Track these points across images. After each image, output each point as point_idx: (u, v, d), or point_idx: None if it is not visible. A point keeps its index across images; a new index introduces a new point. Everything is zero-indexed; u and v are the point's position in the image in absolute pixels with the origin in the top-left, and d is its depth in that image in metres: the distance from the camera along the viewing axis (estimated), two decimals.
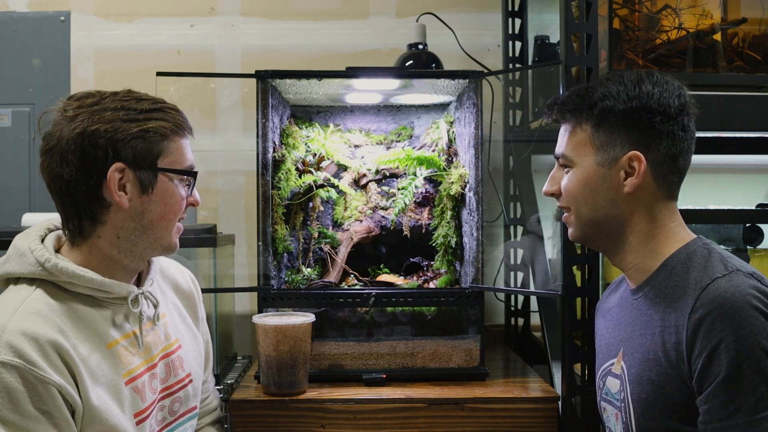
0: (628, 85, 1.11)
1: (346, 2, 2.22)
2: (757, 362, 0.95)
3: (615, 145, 1.11)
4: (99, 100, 1.09)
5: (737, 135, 1.62)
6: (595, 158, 1.13)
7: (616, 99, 1.11)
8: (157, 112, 1.11)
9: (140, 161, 1.08)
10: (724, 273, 1.02)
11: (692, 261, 1.07)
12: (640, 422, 1.08)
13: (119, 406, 1.06)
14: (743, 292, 0.99)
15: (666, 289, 1.08)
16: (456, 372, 1.63)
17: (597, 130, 1.12)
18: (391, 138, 1.92)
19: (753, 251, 1.67)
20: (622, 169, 1.11)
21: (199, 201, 1.21)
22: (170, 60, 2.18)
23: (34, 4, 2.20)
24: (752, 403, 0.95)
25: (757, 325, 0.96)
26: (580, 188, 1.14)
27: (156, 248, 1.15)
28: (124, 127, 1.07)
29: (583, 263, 1.46)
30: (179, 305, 1.31)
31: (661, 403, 1.05)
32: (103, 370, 1.06)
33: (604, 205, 1.13)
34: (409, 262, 1.84)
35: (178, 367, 1.22)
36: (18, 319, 1.00)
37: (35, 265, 1.06)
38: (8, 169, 2.13)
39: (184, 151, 1.15)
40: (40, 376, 0.97)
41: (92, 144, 1.05)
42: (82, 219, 1.09)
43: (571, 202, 1.17)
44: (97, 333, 1.08)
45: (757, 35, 1.59)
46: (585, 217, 1.15)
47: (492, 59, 2.19)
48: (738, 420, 0.96)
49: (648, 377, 1.07)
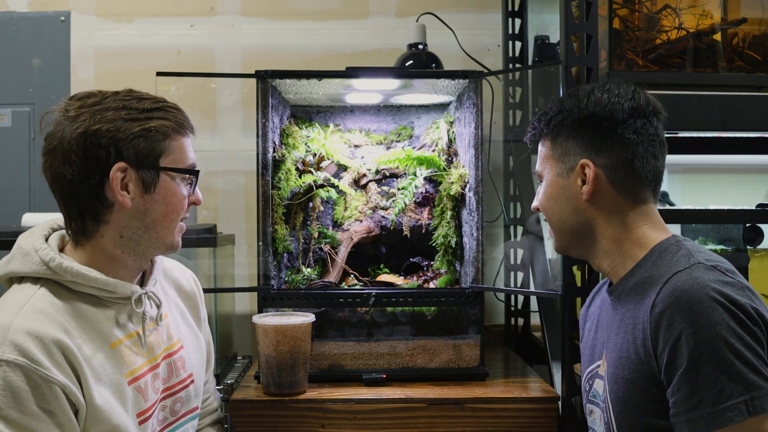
0: (581, 96, 1.16)
1: (346, 2, 2.22)
2: (716, 353, 0.96)
3: (569, 155, 1.16)
4: (101, 100, 1.09)
5: (737, 135, 1.62)
6: (555, 170, 1.18)
7: (569, 111, 1.16)
8: (159, 111, 1.11)
9: (142, 160, 1.08)
10: (685, 266, 1.04)
11: (662, 258, 1.09)
12: (619, 420, 1.09)
13: (122, 405, 1.07)
14: (701, 284, 1.00)
15: (636, 286, 1.10)
16: (456, 372, 1.63)
17: (554, 143, 1.18)
18: (391, 138, 1.92)
19: (753, 251, 1.67)
20: (579, 177, 1.15)
21: (201, 200, 1.21)
22: (170, 60, 2.19)
23: (34, 4, 2.20)
24: (714, 395, 0.96)
25: (715, 316, 0.97)
26: (547, 200, 1.20)
27: (159, 247, 1.15)
28: (126, 126, 1.07)
29: (583, 263, 1.46)
30: (181, 306, 1.31)
31: (636, 400, 1.06)
32: (106, 370, 1.06)
33: (570, 214, 1.17)
34: (409, 262, 1.84)
35: (180, 367, 1.23)
36: (22, 318, 1.00)
37: (39, 264, 1.06)
38: (8, 169, 2.13)
39: (185, 149, 1.15)
40: (44, 375, 0.97)
41: (94, 144, 1.05)
42: (85, 219, 1.09)
43: (546, 215, 1.22)
44: (101, 332, 1.08)
45: (757, 35, 1.59)
46: (557, 227, 1.21)
47: (492, 59, 2.19)
48: (701, 411, 0.97)
49: (622, 375, 1.08)
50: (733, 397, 0.95)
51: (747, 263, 1.66)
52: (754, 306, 0.99)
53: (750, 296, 1.01)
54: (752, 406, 0.95)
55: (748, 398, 0.95)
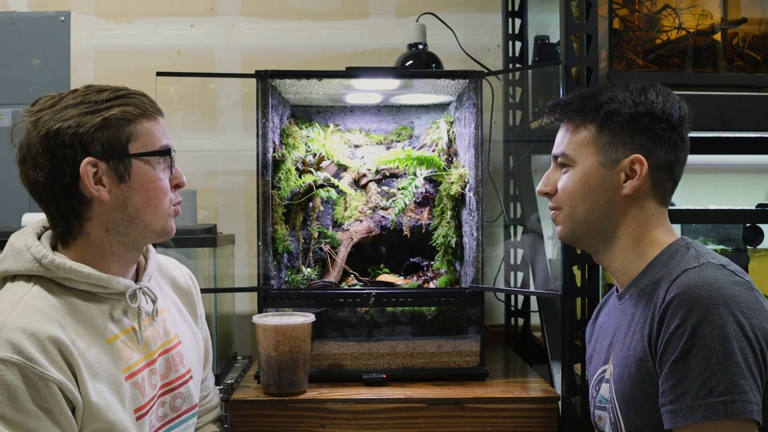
0: (633, 91, 1.14)
1: (346, 2, 2.22)
2: (707, 348, 0.96)
3: (618, 147, 1.13)
4: (58, 100, 1.09)
5: (737, 135, 1.62)
6: (597, 158, 1.14)
7: (622, 103, 1.13)
8: (119, 99, 1.09)
9: (109, 151, 1.07)
10: (695, 265, 1.05)
11: (672, 260, 1.10)
12: (626, 419, 1.09)
13: (120, 401, 1.06)
14: (710, 281, 1.01)
15: (647, 287, 1.10)
16: (456, 372, 1.63)
17: (601, 131, 1.14)
18: (391, 138, 1.92)
19: (753, 251, 1.67)
20: (623, 171, 1.13)
21: (184, 180, 1.18)
22: (170, 60, 2.18)
23: (34, 4, 2.20)
24: (696, 389, 0.96)
25: (714, 313, 0.97)
26: (579, 187, 1.16)
27: (149, 235, 1.14)
28: (85, 120, 1.06)
29: (583, 263, 1.46)
30: (178, 302, 1.31)
31: (642, 397, 1.06)
32: (102, 365, 1.06)
33: (602, 206, 1.14)
34: (409, 262, 1.84)
35: (178, 362, 1.22)
36: (17, 316, 1.00)
37: (32, 262, 1.06)
38: (8, 169, 2.11)
39: (154, 132, 1.12)
40: (40, 372, 0.97)
41: (59, 143, 1.05)
42: (68, 219, 1.09)
43: (567, 201, 1.18)
44: (96, 328, 1.07)
45: (757, 35, 1.58)
46: (579, 216, 1.17)
47: (492, 59, 2.19)
48: (682, 404, 0.97)
49: (628, 373, 1.08)
50: (713, 395, 0.95)
51: (747, 263, 1.66)
52: (760, 314, 0.99)
53: (757, 298, 1.01)
54: (731, 408, 0.94)
55: (728, 399, 0.94)
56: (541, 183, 1.23)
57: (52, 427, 0.98)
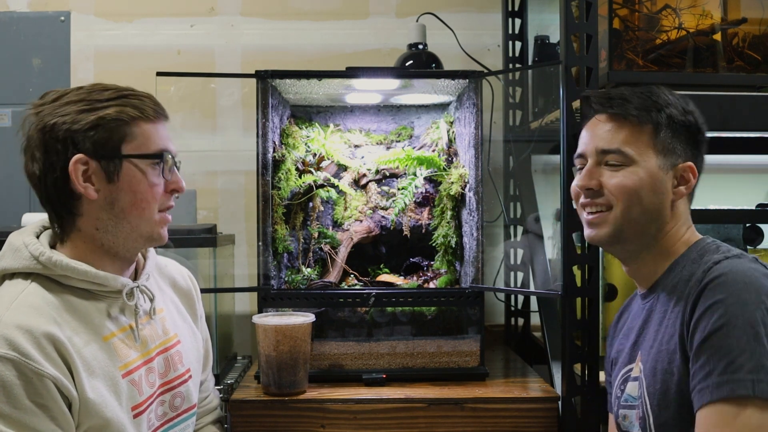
0: (679, 99, 1.19)
1: (346, 2, 2.22)
2: (737, 329, 0.97)
3: (675, 153, 1.16)
4: (62, 96, 1.10)
5: (737, 135, 1.62)
6: (656, 161, 1.15)
7: (678, 109, 1.17)
8: (119, 99, 1.09)
9: (100, 150, 1.07)
10: (729, 256, 1.08)
11: (702, 257, 1.12)
12: (656, 414, 1.08)
13: (116, 398, 1.06)
14: (742, 270, 1.03)
15: (679, 284, 1.11)
16: (456, 372, 1.63)
17: (658, 133, 1.15)
18: (391, 138, 1.92)
19: (753, 251, 1.67)
20: (675, 177, 1.16)
21: (182, 186, 1.17)
22: (170, 60, 2.18)
23: (34, 4, 2.20)
24: (724, 365, 0.97)
25: (746, 297, 0.99)
26: (640, 187, 1.14)
27: (137, 239, 1.13)
28: (80, 117, 1.07)
29: (583, 263, 1.46)
30: (177, 302, 1.31)
31: (674, 391, 1.05)
32: (99, 362, 1.06)
33: (656, 208, 1.15)
34: (409, 262, 1.84)
35: (177, 362, 1.22)
36: (13, 312, 1.00)
37: (30, 259, 1.07)
38: (8, 169, 2.12)
39: (150, 135, 1.11)
40: (35, 368, 0.97)
41: (52, 138, 1.06)
42: (61, 214, 1.10)
43: (623, 200, 1.15)
44: (93, 325, 1.08)
45: (757, 35, 1.58)
46: (634, 217, 1.15)
47: (492, 59, 2.19)
48: (710, 381, 0.98)
49: (660, 368, 1.08)
50: (742, 371, 0.95)
51: None
52: None
53: None
54: (758, 387, 0.94)
55: (755, 378, 0.94)
56: (583, 177, 1.19)
57: (48, 423, 0.98)
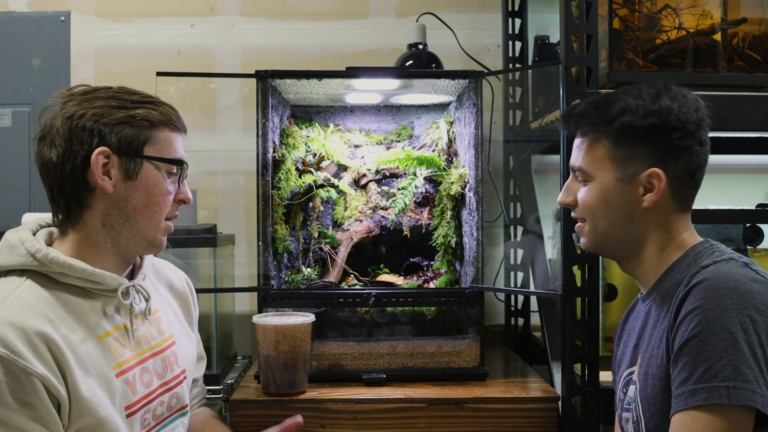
0: (647, 99, 1.10)
1: (346, 2, 2.22)
2: (715, 335, 0.96)
3: (635, 162, 1.11)
4: (92, 90, 1.12)
5: (737, 135, 1.62)
6: (614, 174, 1.12)
7: (636, 114, 1.10)
8: (148, 103, 1.12)
9: (125, 147, 1.09)
10: (717, 259, 1.05)
11: (696, 261, 1.10)
12: (648, 418, 1.08)
13: (110, 397, 1.06)
14: (726, 274, 1.01)
15: (671, 288, 1.10)
16: (456, 372, 1.63)
17: (616, 145, 1.12)
18: (391, 138, 1.92)
19: (753, 251, 1.67)
20: (641, 185, 1.11)
21: (189, 198, 1.20)
22: (170, 60, 2.18)
23: (34, 4, 2.20)
24: (700, 373, 0.96)
25: (728, 303, 0.98)
26: (598, 202, 1.14)
27: (140, 241, 1.14)
28: (111, 112, 1.09)
29: (583, 263, 1.46)
30: (174, 304, 1.31)
31: (662, 396, 1.05)
32: (93, 361, 1.05)
33: (622, 220, 1.13)
34: (409, 262, 1.84)
35: (173, 362, 1.22)
36: (6, 309, 1.00)
37: (26, 256, 1.06)
38: (8, 169, 2.12)
39: (172, 143, 1.15)
40: (23, 366, 0.96)
41: (79, 126, 1.07)
42: (69, 203, 1.10)
43: (588, 215, 1.17)
44: (88, 324, 1.07)
45: (757, 35, 1.58)
46: (601, 230, 1.16)
47: (492, 59, 2.19)
48: (686, 388, 0.97)
49: (651, 372, 1.08)
50: (717, 379, 0.95)
51: None
52: None
53: None
54: (734, 394, 0.93)
55: (731, 386, 0.94)
56: (561, 194, 1.22)
57: (31, 423, 0.96)
